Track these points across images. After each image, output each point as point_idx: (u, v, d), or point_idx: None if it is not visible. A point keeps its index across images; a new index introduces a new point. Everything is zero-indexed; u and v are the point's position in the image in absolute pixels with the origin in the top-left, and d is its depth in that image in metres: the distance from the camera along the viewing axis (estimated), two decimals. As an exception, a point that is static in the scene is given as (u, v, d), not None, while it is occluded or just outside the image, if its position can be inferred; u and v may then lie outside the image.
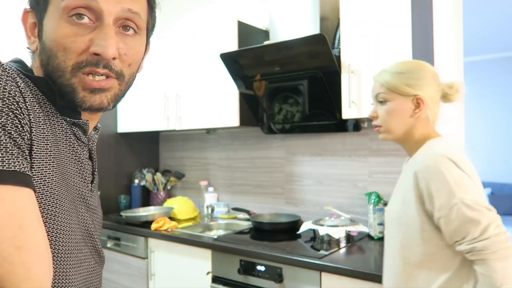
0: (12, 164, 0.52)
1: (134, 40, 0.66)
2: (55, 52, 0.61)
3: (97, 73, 0.61)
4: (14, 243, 0.50)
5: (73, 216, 0.64)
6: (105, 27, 0.60)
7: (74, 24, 0.60)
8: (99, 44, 0.60)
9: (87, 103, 0.63)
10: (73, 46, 0.60)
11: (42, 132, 0.60)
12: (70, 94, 0.62)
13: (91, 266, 0.70)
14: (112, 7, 0.61)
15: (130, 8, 0.63)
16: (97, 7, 0.60)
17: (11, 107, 0.54)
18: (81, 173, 0.68)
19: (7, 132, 0.53)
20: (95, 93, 0.63)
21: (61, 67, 0.61)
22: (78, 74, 0.61)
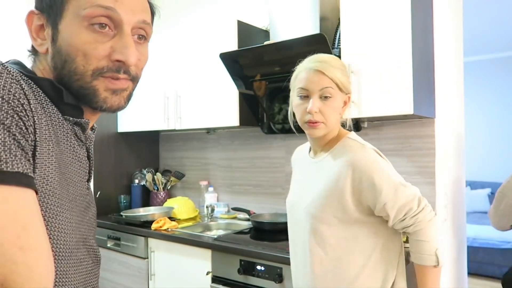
0: (16, 166, 0.53)
1: (144, 47, 0.72)
2: (73, 56, 0.64)
3: (118, 78, 0.67)
4: (17, 244, 0.51)
5: (73, 215, 0.65)
6: (125, 36, 0.66)
7: (94, 32, 0.64)
8: (122, 52, 0.65)
9: (108, 103, 0.67)
10: (94, 52, 0.64)
11: (46, 133, 0.61)
12: (91, 96, 0.66)
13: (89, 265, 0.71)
14: (131, 17, 0.66)
15: (144, 19, 0.69)
16: (118, 18, 0.64)
17: (16, 109, 0.55)
18: (79, 172, 0.69)
19: (12, 134, 0.54)
20: (116, 93, 0.68)
21: (79, 71, 0.64)
22: (99, 78, 0.65)
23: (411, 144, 1.93)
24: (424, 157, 1.89)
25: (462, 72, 2.27)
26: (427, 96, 1.78)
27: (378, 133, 2.03)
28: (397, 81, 1.63)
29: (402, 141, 1.96)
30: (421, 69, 1.70)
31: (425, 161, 1.89)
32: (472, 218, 4.85)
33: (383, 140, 2.02)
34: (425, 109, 1.74)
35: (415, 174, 1.91)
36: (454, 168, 2.09)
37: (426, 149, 1.88)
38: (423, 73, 1.73)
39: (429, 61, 1.82)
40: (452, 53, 2.09)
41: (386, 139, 2.01)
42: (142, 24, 0.68)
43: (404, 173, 1.95)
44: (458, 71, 2.20)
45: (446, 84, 1.99)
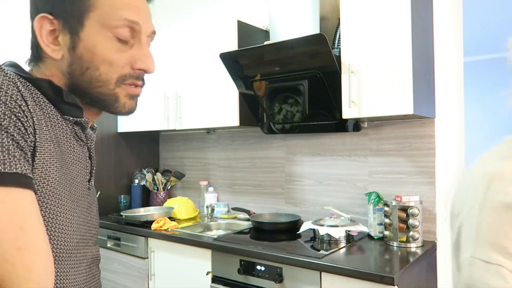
0: (14, 166, 0.53)
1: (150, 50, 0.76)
2: (97, 65, 0.66)
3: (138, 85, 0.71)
4: (15, 245, 0.51)
5: (75, 215, 0.65)
6: (144, 45, 0.70)
7: (118, 42, 0.67)
8: (145, 61, 0.70)
9: (126, 108, 0.71)
10: (119, 61, 0.67)
11: (45, 133, 0.61)
12: (111, 101, 0.69)
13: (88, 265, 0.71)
14: (147, 27, 0.71)
15: (154, 30, 0.74)
16: (139, 29, 0.69)
17: (14, 110, 0.55)
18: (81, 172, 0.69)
19: (10, 134, 0.54)
20: (133, 98, 0.72)
21: (102, 79, 0.67)
22: (121, 85, 0.69)
23: (411, 144, 1.93)
24: (424, 157, 1.89)
25: (462, 72, 2.27)
26: (427, 96, 1.78)
27: (378, 133, 2.03)
28: (397, 81, 1.63)
29: (402, 141, 1.96)
30: (421, 69, 1.70)
31: (425, 161, 1.89)
32: (472, 218, 4.85)
33: (383, 140, 2.02)
34: (425, 109, 1.74)
35: (415, 174, 1.91)
36: (454, 168, 2.09)
37: (426, 149, 1.88)
38: (423, 73, 1.73)
39: (429, 61, 1.82)
40: (452, 53, 2.09)
41: (386, 139, 2.01)
42: (153, 35, 0.74)
43: (404, 173, 1.95)
44: (458, 71, 2.20)
45: (446, 84, 1.99)
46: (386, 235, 1.81)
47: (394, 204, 1.78)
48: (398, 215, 1.76)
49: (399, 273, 1.41)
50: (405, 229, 1.75)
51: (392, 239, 1.78)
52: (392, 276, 1.37)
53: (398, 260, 1.60)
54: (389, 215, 1.80)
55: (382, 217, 1.87)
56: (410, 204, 1.74)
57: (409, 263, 1.54)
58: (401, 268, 1.46)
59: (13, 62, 0.67)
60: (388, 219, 1.80)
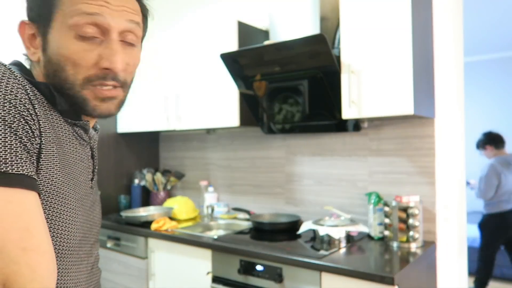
0: (21, 168, 0.54)
1: (134, 49, 0.70)
2: (63, 66, 0.64)
3: (106, 85, 0.66)
4: (20, 245, 0.52)
5: (78, 213, 0.67)
6: (112, 42, 0.65)
7: (82, 40, 0.63)
8: (110, 59, 0.64)
9: (97, 111, 0.67)
10: (83, 61, 0.63)
11: (49, 135, 0.62)
12: (81, 104, 0.66)
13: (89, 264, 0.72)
14: (118, 21, 0.64)
15: (131, 19, 0.67)
16: (105, 23, 0.63)
17: (23, 113, 0.56)
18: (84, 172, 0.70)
19: (18, 137, 0.55)
20: (105, 101, 0.67)
21: (69, 80, 0.64)
22: (88, 87, 0.65)
23: (411, 144, 1.93)
24: (424, 157, 1.89)
25: (462, 72, 2.27)
26: (427, 96, 1.78)
27: (378, 133, 2.03)
28: (397, 81, 1.63)
29: (402, 141, 1.96)
30: (421, 69, 1.70)
31: (425, 161, 1.89)
32: (472, 218, 4.85)
33: (383, 140, 2.02)
34: (425, 109, 1.74)
35: (415, 174, 1.91)
36: (454, 168, 2.09)
37: (426, 149, 1.88)
38: (423, 73, 1.73)
39: (429, 61, 1.82)
40: (452, 53, 2.09)
41: (386, 139, 2.01)
42: (130, 25, 0.67)
43: (404, 173, 1.95)
44: (458, 71, 2.20)
45: (446, 84, 1.99)
46: (386, 235, 1.81)
47: (394, 204, 1.78)
48: (398, 215, 1.76)
49: (399, 273, 1.41)
50: (405, 229, 1.75)
51: (392, 239, 1.78)
52: (392, 276, 1.37)
53: (398, 260, 1.60)
54: (389, 215, 1.80)
55: (382, 217, 1.87)
56: (410, 204, 1.75)
57: (409, 263, 1.54)
58: (401, 268, 1.46)
59: (17, 61, 0.68)
60: (388, 219, 1.80)
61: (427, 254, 1.71)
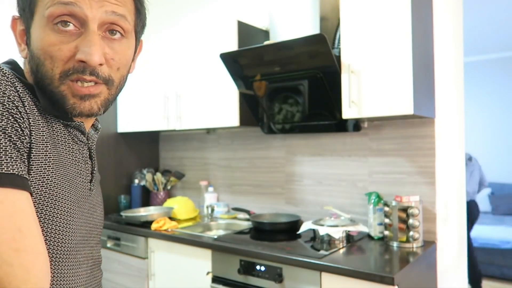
0: (11, 167, 0.53)
1: (121, 43, 0.66)
2: (43, 60, 0.61)
3: (85, 80, 0.61)
4: (13, 246, 0.51)
5: (74, 216, 0.65)
6: (89, 34, 0.60)
7: (59, 32, 0.60)
8: (84, 51, 0.59)
9: (77, 110, 0.63)
10: (59, 54, 0.60)
11: (41, 135, 0.60)
12: (60, 101, 0.62)
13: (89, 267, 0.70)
14: (96, 11, 0.60)
15: (114, 10, 0.62)
16: (82, 14, 0.60)
17: (11, 111, 0.55)
18: (81, 173, 0.69)
19: (8, 135, 0.54)
20: (85, 99, 0.63)
21: (48, 75, 0.61)
22: (66, 82, 0.61)
23: (411, 144, 1.93)
24: (424, 157, 1.89)
25: (462, 72, 2.27)
26: (427, 96, 1.78)
27: (378, 133, 2.03)
28: (397, 81, 1.63)
29: (402, 141, 1.96)
30: (421, 69, 1.70)
31: (425, 161, 1.89)
32: (472, 218, 4.85)
33: (383, 140, 2.02)
34: (425, 109, 1.74)
35: (415, 174, 1.91)
36: (454, 168, 2.09)
37: (426, 149, 1.88)
38: (423, 73, 1.73)
39: (429, 61, 1.82)
40: (452, 53, 2.09)
41: (386, 139, 2.01)
42: (112, 16, 0.62)
43: (404, 173, 1.95)
44: (458, 71, 2.20)
45: (446, 84, 1.99)
46: (386, 235, 1.81)
47: (394, 204, 1.78)
48: (398, 215, 1.76)
49: (399, 273, 1.41)
50: (405, 229, 1.75)
51: (392, 239, 1.78)
52: (392, 276, 1.37)
53: (398, 260, 1.60)
54: (389, 215, 1.80)
55: (382, 217, 1.87)
56: (410, 204, 1.74)
57: (409, 263, 1.54)
58: (401, 268, 1.46)
59: (11, 59, 0.67)
60: (388, 219, 1.80)
61: (427, 254, 1.70)
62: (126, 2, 0.65)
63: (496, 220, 4.82)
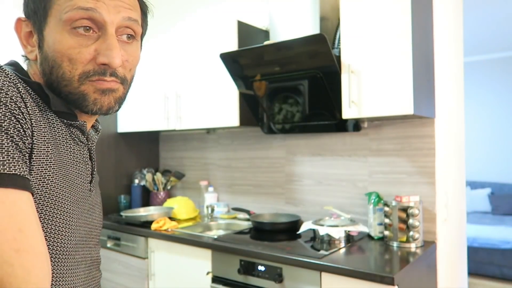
0: (13, 168, 0.53)
1: (132, 46, 0.69)
2: (59, 62, 0.63)
3: (105, 81, 0.64)
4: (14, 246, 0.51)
5: (74, 217, 0.65)
6: (108, 37, 0.63)
7: (78, 35, 0.62)
8: (106, 54, 0.63)
9: (97, 105, 0.65)
10: (79, 56, 0.62)
11: (43, 135, 0.61)
12: (80, 100, 0.64)
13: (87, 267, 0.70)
14: (114, 17, 0.63)
15: (129, 16, 0.66)
16: (100, 18, 0.62)
17: (14, 112, 0.55)
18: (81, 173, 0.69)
19: (10, 136, 0.54)
20: (106, 93, 0.65)
21: (66, 77, 0.63)
22: (86, 82, 0.64)
23: (411, 144, 1.93)
24: (424, 157, 1.89)
25: (462, 72, 2.27)
26: (427, 96, 1.78)
27: (378, 133, 2.03)
28: (397, 81, 1.63)
29: (402, 141, 1.96)
30: (421, 69, 1.70)
31: (425, 161, 1.89)
32: (472, 218, 4.85)
33: (383, 140, 2.02)
34: (425, 109, 1.74)
35: (415, 174, 1.91)
36: (454, 168, 2.09)
37: (426, 149, 1.88)
38: (423, 73, 1.73)
39: (429, 61, 1.82)
40: (452, 53, 2.09)
41: (386, 139, 2.01)
42: (127, 22, 0.65)
43: (404, 173, 1.95)
44: (458, 71, 2.20)
45: (446, 84, 1.99)
46: (386, 235, 1.81)
47: (394, 204, 1.78)
48: (398, 215, 1.76)
49: (399, 273, 1.41)
50: (405, 229, 1.75)
51: (392, 239, 1.78)
52: (392, 276, 1.37)
53: (398, 260, 1.60)
54: (389, 215, 1.80)
55: (382, 217, 1.87)
56: (410, 204, 1.74)
57: (409, 263, 1.54)
58: (401, 268, 1.46)
59: (14, 60, 0.67)
60: (388, 219, 1.80)
61: (427, 254, 1.71)
62: (136, 6, 0.68)
63: (496, 220, 4.82)
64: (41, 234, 0.55)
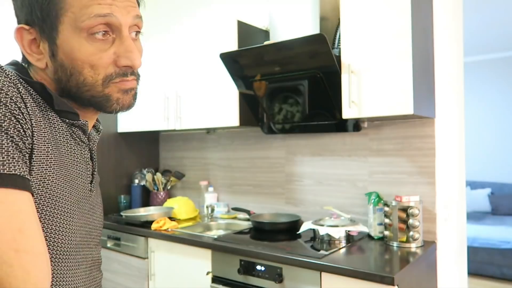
0: (13, 168, 0.53)
1: (139, 42, 0.71)
2: (80, 69, 0.63)
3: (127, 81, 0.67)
4: (13, 246, 0.51)
5: (74, 217, 0.65)
6: (125, 39, 0.65)
7: (96, 41, 0.63)
8: (128, 56, 0.65)
9: (120, 104, 0.67)
10: (101, 62, 0.63)
11: (44, 135, 0.60)
12: (104, 102, 0.66)
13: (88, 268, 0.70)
14: (126, 18, 0.64)
15: (137, 14, 0.67)
16: (116, 22, 0.63)
17: (14, 112, 0.55)
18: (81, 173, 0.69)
19: (10, 136, 0.54)
20: (127, 92, 0.68)
21: (88, 82, 0.64)
22: (109, 85, 0.65)
23: (411, 144, 1.93)
24: (424, 157, 1.89)
25: (462, 72, 2.27)
26: (427, 96, 1.78)
27: (378, 133, 2.03)
28: (397, 81, 1.63)
29: (402, 141, 1.96)
30: (421, 69, 1.70)
31: (425, 161, 1.89)
32: (472, 218, 4.85)
33: (383, 140, 2.02)
34: (425, 109, 1.74)
35: (415, 174, 1.91)
36: (454, 168, 2.09)
37: (426, 149, 1.88)
38: (423, 73, 1.73)
39: (429, 61, 1.82)
40: (452, 53, 2.09)
41: (386, 139, 2.01)
42: (137, 20, 0.67)
43: (404, 173, 1.95)
44: (458, 71, 2.20)
45: (446, 84, 1.99)
46: (386, 235, 1.81)
47: (394, 204, 1.78)
48: (398, 215, 1.76)
49: (399, 273, 1.41)
50: (405, 229, 1.75)
51: (392, 239, 1.78)
52: (392, 276, 1.37)
53: (398, 260, 1.60)
54: (389, 215, 1.80)
55: (382, 217, 1.87)
56: (410, 204, 1.74)
57: (409, 263, 1.54)
58: (401, 268, 1.46)
59: (15, 60, 0.67)
60: (388, 219, 1.80)
61: (427, 254, 1.71)
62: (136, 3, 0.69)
63: (496, 220, 4.82)
64: (41, 235, 0.55)
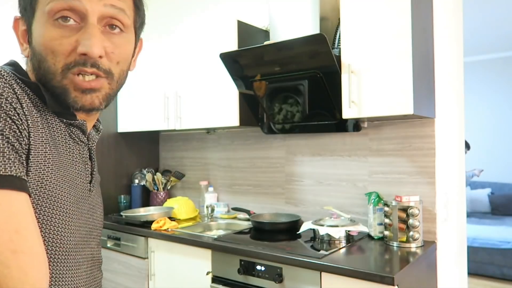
0: (9, 169, 0.53)
1: (121, 38, 0.67)
2: (44, 55, 0.62)
3: (86, 73, 0.62)
4: (10, 247, 0.51)
5: (73, 217, 0.64)
6: (89, 27, 0.61)
7: (59, 27, 0.61)
8: (85, 44, 0.60)
9: (78, 103, 0.64)
10: (61, 48, 0.61)
11: (41, 135, 0.60)
12: (63, 95, 0.63)
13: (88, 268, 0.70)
14: (95, 5, 0.61)
15: (112, 4, 0.63)
16: (81, 7, 0.61)
17: (9, 113, 0.55)
18: (80, 173, 0.69)
19: (5, 137, 0.54)
20: (86, 93, 0.64)
21: (51, 70, 0.62)
22: (68, 75, 0.62)
23: (411, 144, 1.93)
24: (424, 157, 1.89)
25: (462, 72, 2.27)
26: (427, 96, 1.78)
27: (378, 133, 2.03)
28: (397, 81, 1.63)
29: (402, 141, 1.96)
30: (421, 69, 1.70)
31: (425, 161, 1.89)
32: (472, 218, 4.85)
33: (383, 140, 2.02)
34: (425, 109, 1.74)
35: (415, 174, 1.91)
36: (454, 168, 2.09)
37: (426, 149, 1.88)
38: (423, 73, 1.73)
39: (429, 61, 1.82)
40: (452, 53, 2.09)
41: (386, 139, 2.01)
42: (110, 9, 0.63)
43: (404, 173, 1.95)
44: (458, 71, 2.20)
45: (446, 84, 1.99)
46: (386, 235, 1.81)
47: (394, 204, 1.78)
48: (398, 215, 1.76)
49: (399, 273, 1.41)
50: (405, 229, 1.75)
51: (392, 239, 1.78)
52: (392, 276, 1.37)
53: (398, 260, 1.60)
54: (389, 215, 1.80)
55: (382, 217, 1.87)
56: (410, 204, 1.74)
57: (409, 263, 1.54)
58: (401, 268, 1.46)
59: (13, 60, 0.67)
60: (388, 219, 1.80)
61: (427, 254, 1.71)
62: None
63: (496, 220, 4.82)
64: (38, 235, 0.55)
